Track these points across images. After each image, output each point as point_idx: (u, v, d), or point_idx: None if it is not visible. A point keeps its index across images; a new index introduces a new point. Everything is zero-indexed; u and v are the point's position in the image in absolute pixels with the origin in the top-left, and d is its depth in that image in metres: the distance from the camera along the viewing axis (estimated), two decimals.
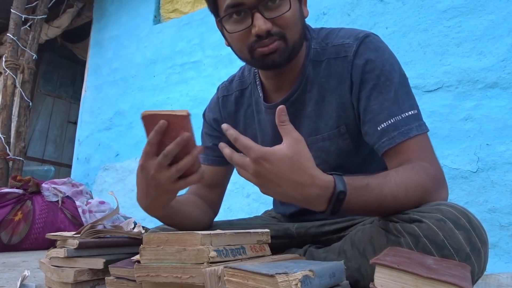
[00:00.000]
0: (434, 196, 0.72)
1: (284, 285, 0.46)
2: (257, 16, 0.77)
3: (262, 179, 0.64)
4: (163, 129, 0.68)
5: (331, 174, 0.66)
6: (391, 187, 0.68)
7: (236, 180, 1.09)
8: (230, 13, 0.80)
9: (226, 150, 0.67)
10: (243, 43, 0.82)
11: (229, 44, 0.89)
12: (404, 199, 0.69)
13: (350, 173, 0.90)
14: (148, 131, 0.70)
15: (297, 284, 0.47)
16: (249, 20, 0.78)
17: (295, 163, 0.62)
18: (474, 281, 0.65)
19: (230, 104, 1.04)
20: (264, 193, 0.67)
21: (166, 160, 0.70)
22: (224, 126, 0.67)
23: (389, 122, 0.78)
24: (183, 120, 0.68)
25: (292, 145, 0.63)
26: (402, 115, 0.78)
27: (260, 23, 0.77)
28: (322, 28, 0.94)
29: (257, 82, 0.97)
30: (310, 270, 0.50)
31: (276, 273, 0.47)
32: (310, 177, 0.62)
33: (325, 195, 0.64)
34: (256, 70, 0.98)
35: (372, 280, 0.49)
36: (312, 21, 2.22)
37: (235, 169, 1.17)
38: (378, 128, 0.79)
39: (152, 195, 0.75)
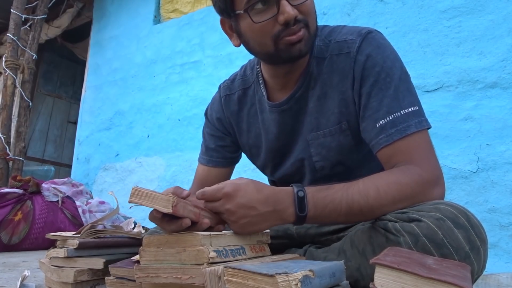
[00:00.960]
0: (424, 196, 0.72)
1: (284, 285, 0.46)
2: (284, 3, 0.77)
3: (238, 210, 0.70)
4: (159, 218, 0.68)
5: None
6: (358, 188, 0.72)
7: None
8: (254, 4, 0.79)
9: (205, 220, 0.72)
10: (266, 34, 0.81)
11: (241, 43, 0.88)
12: (377, 198, 0.71)
13: (350, 170, 0.92)
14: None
15: (297, 284, 0.47)
16: (274, 9, 0.78)
17: (256, 184, 0.72)
18: (473, 280, 0.66)
19: (233, 103, 1.04)
20: (243, 229, 0.72)
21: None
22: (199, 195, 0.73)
23: (388, 118, 0.78)
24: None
25: (239, 178, 0.73)
26: (401, 111, 0.78)
27: (289, 9, 0.77)
28: (325, 26, 0.94)
29: (260, 81, 0.97)
30: (310, 270, 0.50)
31: (276, 273, 0.47)
32: (272, 190, 0.73)
33: (288, 199, 0.72)
34: (259, 69, 0.98)
35: (372, 280, 0.49)
36: None
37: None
38: (377, 125, 0.79)
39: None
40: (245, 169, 2.10)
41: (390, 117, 0.78)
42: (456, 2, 1.77)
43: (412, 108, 0.78)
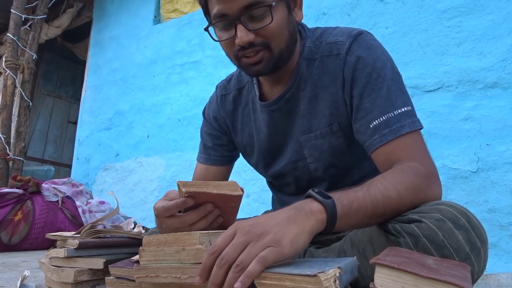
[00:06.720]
0: (427, 193, 0.72)
1: (326, 284, 0.47)
2: (240, 27, 0.79)
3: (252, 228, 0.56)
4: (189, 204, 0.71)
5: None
6: (379, 188, 0.67)
7: (236, 180, 1.10)
8: (216, 22, 0.82)
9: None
10: (229, 51, 0.86)
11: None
12: (398, 200, 0.68)
13: (344, 171, 0.92)
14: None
15: (335, 281, 0.49)
16: (233, 30, 0.80)
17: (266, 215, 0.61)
18: (474, 281, 0.65)
19: (228, 103, 1.05)
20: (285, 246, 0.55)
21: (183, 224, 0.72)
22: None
23: (381, 119, 0.77)
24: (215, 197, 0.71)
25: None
26: (394, 111, 0.77)
27: (242, 35, 0.79)
28: (317, 28, 0.95)
29: (254, 81, 0.98)
30: (338, 267, 0.51)
31: (318, 272, 0.47)
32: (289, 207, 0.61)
33: (311, 202, 0.61)
34: None
35: (372, 280, 0.49)
36: (312, 21, 2.22)
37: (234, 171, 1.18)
38: (371, 126, 0.79)
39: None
40: (245, 169, 2.10)
41: (384, 118, 0.77)
42: (456, 2, 1.77)
43: (405, 108, 0.78)
